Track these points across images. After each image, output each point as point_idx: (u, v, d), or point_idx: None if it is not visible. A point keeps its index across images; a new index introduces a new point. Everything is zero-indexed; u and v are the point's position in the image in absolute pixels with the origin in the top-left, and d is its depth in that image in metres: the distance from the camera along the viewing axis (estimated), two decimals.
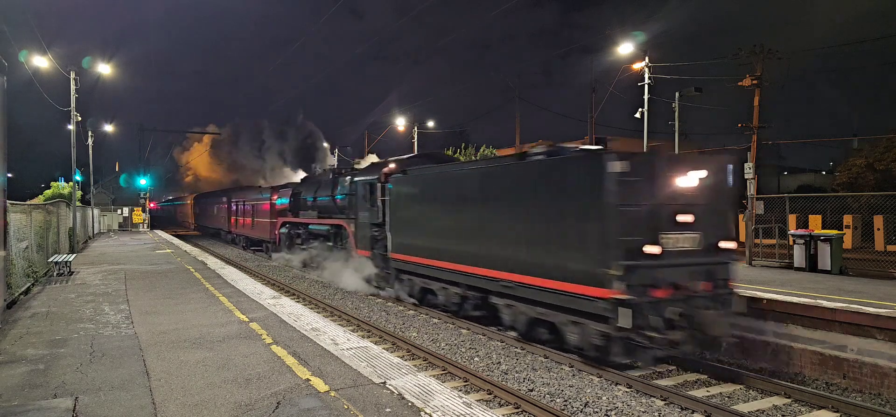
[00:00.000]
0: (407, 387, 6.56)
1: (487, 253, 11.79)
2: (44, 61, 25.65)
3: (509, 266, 11.08)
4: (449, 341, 12.15)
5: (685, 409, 8.12)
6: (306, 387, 6.56)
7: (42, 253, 17.43)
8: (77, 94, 29.78)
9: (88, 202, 45.23)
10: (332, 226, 20.89)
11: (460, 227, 12.81)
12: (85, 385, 6.61)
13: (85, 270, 18.51)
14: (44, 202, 26.36)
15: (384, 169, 16.46)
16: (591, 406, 8.38)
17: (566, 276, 9.70)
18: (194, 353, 8.01)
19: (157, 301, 12.48)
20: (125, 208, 64.65)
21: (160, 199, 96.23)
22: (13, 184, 39.70)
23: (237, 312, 11.16)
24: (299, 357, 7.85)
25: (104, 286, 14.82)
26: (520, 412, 8.20)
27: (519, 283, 10.86)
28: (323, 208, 22.19)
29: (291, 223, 26.37)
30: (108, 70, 31.65)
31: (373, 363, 7.60)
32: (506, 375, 9.84)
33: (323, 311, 15.57)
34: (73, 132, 30.12)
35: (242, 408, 5.89)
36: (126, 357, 7.85)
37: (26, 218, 14.93)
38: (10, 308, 11.44)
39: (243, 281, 15.94)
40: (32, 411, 5.82)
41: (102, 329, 9.66)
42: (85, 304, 12.03)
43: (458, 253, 12.85)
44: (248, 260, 30.16)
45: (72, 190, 31.15)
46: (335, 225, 20.55)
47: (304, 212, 24.41)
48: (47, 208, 19.45)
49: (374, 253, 17.23)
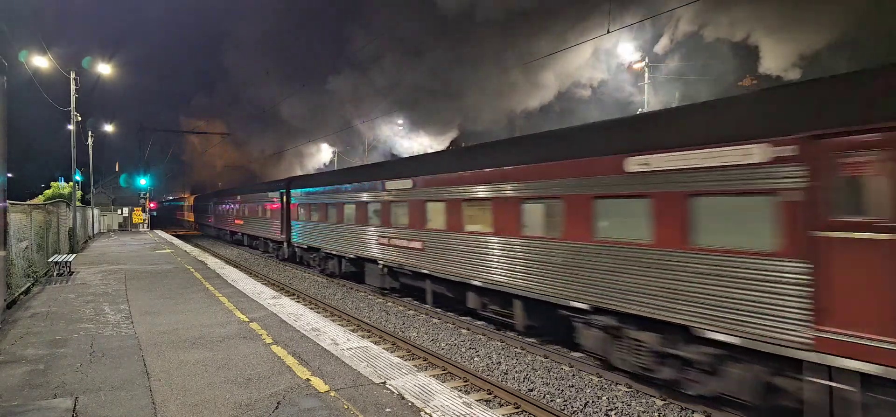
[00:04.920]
0: (407, 387, 6.56)
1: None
2: (44, 61, 25.66)
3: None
4: (449, 341, 12.15)
5: (685, 409, 8.12)
6: (306, 387, 6.56)
7: (42, 253, 17.43)
8: (77, 94, 29.82)
9: (88, 202, 45.24)
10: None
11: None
12: (85, 385, 6.62)
13: (85, 270, 18.52)
14: (44, 202, 26.37)
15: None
16: (591, 406, 8.38)
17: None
18: (194, 353, 8.02)
19: (157, 301, 12.48)
20: (125, 208, 64.65)
21: (160, 199, 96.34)
22: (13, 184, 39.72)
23: (237, 312, 11.16)
24: (299, 357, 7.85)
25: (104, 286, 14.83)
26: (520, 412, 8.20)
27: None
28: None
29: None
30: (108, 70, 31.67)
31: (373, 363, 7.60)
32: (506, 375, 9.84)
33: (323, 311, 15.57)
34: (73, 132, 30.15)
35: (242, 408, 5.89)
36: (126, 357, 7.85)
37: (26, 218, 14.94)
38: (10, 308, 11.45)
39: (243, 281, 15.94)
40: (32, 411, 5.82)
41: (102, 329, 9.66)
42: (85, 304, 12.03)
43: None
44: (248, 260, 30.15)
45: (72, 190, 31.17)
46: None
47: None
48: (47, 208, 19.46)
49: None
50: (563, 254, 9.68)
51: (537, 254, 10.34)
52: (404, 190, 15.29)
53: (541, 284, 10.26)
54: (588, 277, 9.17)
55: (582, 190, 9.27)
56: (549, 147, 10.46)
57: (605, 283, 8.82)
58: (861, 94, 6.17)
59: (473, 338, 12.30)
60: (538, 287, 10.34)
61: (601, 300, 8.92)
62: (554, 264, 9.92)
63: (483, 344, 11.84)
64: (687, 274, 7.53)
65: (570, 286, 9.56)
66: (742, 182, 6.91)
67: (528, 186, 10.56)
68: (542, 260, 10.21)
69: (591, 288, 9.13)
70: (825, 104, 6.37)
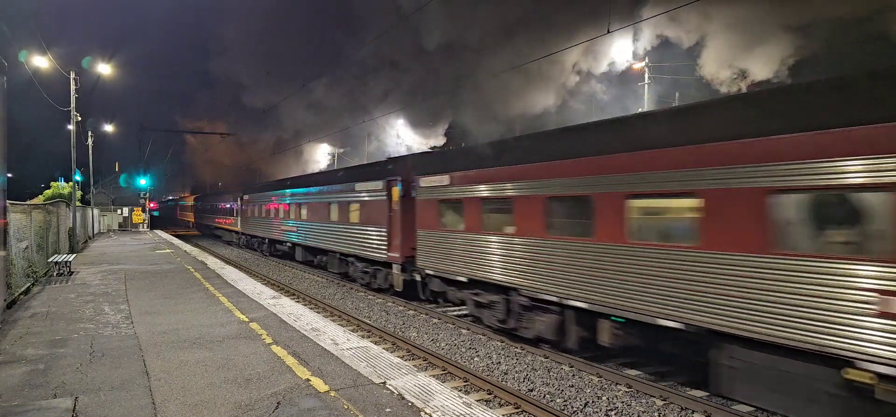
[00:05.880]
0: (407, 387, 6.56)
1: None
2: (44, 61, 25.66)
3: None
4: (449, 341, 12.15)
5: (685, 409, 8.12)
6: (306, 387, 6.56)
7: (42, 253, 17.43)
8: (77, 94, 29.82)
9: (88, 202, 45.24)
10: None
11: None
12: (85, 385, 6.61)
13: (85, 270, 18.51)
14: (44, 202, 26.36)
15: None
16: (591, 406, 8.38)
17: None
18: (194, 353, 8.01)
19: (157, 301, 12.48)
20: (125, 208, 64.67)
21: (160, 199, 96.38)
22: (13, 184, 39.74)
23: (237, 312, 11.16)
24: (299, 357, 7.85)
25: (104, 286, 14.82)
26: (520, 412, 8.20)
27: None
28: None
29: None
30: (108, 70, 31.68)
31: (373, 363, 7.60)
32: (506, 375, 9.84)
33: (323, 311, 15.57)
34: (73, 132, 30.15)
35: (242, 408, 5.89)
36: (126, 357, 7.85)
37: (26, 218, 14.94)
38: (10, 308, 11.45)
39: (243, 281, 15.94)
40: (32, 411, 5.82)
41: (102, 329, 9.66)
42: (85, 304, 12.03)
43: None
44: (248, 260, 30.15)
45: (72, 190, 31.17)
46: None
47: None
48: (47, 208, 19.46)
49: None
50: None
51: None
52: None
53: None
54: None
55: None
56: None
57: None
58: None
59: (473, 338, 12.30)
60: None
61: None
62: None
63: (483, 343, 11.84)
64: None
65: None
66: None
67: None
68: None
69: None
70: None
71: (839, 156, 6.29)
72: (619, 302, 8.92)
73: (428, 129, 41.60)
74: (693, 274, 7.79)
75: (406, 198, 15.89)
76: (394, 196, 16.53)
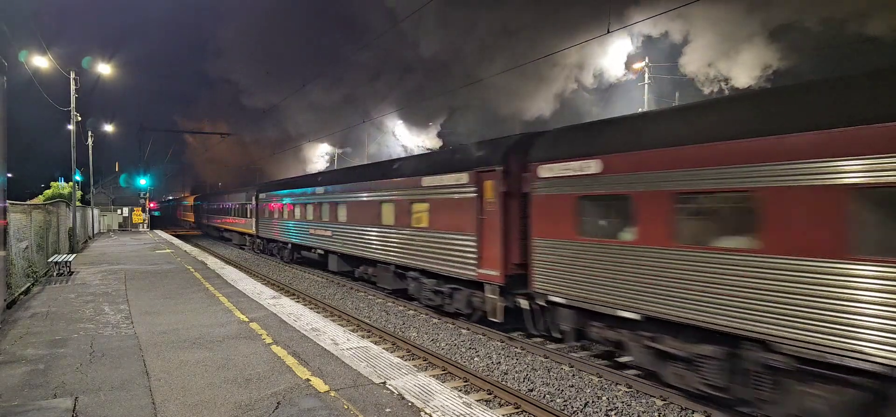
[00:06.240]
0: (407, 387, 6.56)
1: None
2: (44, 61, 25.66)
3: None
4: (449, 341, 12.15)
5: (685, 409, 8.12)
6: (306, 387, 6.56)
7: (42, 253, 17.43)
8: (77, 94, 29.82)
9: (88, 202, 45.25)
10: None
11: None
12: (85, 385, 6.62)
13: (85, 270, 18.52)
14: (44, 202, 26.37)
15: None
16: (591, 406, 8.38)
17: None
18: (194, 353, 8.01)
19: (157, 301, 12.48)
20: (125, 208, 64.69)
21: (160, 199, 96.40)
22: (13, 184, 39.77)
23: (237, 312, 11.16)
24: (299, 357, 7.85)
25: (104, 286, 14.82)
26: (520, 412, 8.20)
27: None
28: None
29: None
30: (108, 70, 31.68)
31: (373, 363, 7.60)
32: (506, 375, 9.84)
33: (323, 311, 15.57)
34: (73, 132, 30.15)
35: (242, 408, 5.89)
36: (126, 357, 7.85)
37: (26, 218, 14.94)
38: (10, 308, 11.45)
39: (243, 282, 15.94)
40: (32, 411, 5.82)
41: (102, 329, 9.66)
42: (85, 304, 12.03)
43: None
44: (248, 260, 30.15)
45: (72, 190, 31.18)
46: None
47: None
48: (47, 208, 19.46)
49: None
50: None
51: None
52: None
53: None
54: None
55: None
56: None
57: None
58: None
59: (473, 338, 12.30)
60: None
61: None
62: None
63: (483, 343, 11.84)
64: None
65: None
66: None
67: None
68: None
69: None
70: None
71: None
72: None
73: (422, 129, 41.55)
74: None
75: (508, 195, 11.61)
76: (487, 191, 12.23)
